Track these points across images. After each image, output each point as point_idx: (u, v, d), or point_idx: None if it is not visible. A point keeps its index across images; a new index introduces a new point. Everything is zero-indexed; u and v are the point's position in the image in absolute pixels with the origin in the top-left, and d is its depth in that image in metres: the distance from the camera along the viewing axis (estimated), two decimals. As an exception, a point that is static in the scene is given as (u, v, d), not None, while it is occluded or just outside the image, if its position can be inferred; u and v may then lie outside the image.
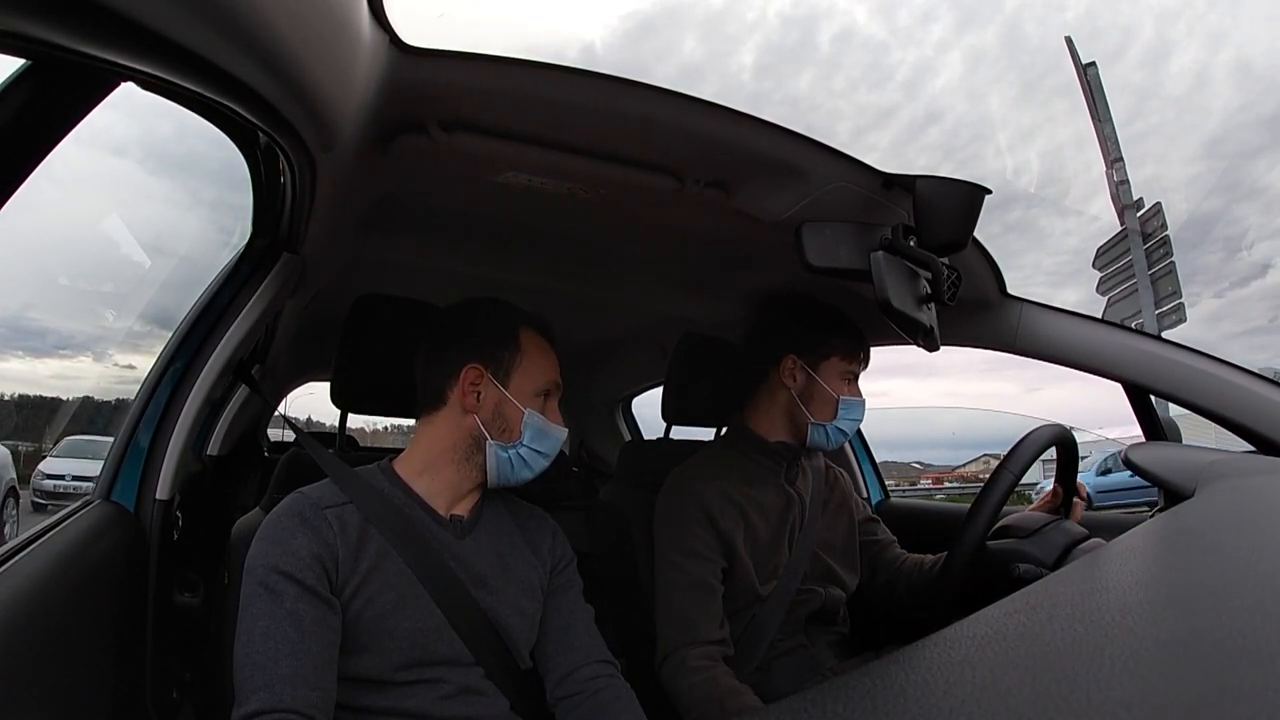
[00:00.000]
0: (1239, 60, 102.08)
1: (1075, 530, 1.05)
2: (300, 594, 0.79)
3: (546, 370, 0.97)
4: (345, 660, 0.82)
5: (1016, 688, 0.32)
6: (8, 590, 0.65)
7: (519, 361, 0.94)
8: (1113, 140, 6.95)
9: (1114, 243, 7.25)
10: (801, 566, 1.20)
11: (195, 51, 0.44)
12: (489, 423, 0.93)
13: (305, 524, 0.83)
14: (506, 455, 0.92)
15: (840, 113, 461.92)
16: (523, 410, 0.93)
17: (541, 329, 0.99)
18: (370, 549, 0.85)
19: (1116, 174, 6.94)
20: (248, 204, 1.03)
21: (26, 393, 4.12)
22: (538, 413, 0.94)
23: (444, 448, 0.94)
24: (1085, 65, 7.06)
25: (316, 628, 0.78)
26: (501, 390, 0.93)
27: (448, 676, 0.86)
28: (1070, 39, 7.22)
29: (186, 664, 1.13)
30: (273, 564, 0.80)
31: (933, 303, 0.91)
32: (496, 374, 0.93)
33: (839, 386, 1.21)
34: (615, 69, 13.83)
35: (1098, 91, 7.02)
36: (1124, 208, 6.94)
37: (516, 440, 0.93)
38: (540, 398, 0.96)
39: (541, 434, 0.94)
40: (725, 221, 1.09)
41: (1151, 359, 1.13)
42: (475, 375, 0.93)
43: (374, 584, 0.84)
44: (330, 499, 0.88)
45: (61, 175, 0.58)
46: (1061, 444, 1.08)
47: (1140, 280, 6.78)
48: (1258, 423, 1.05)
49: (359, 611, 0.83)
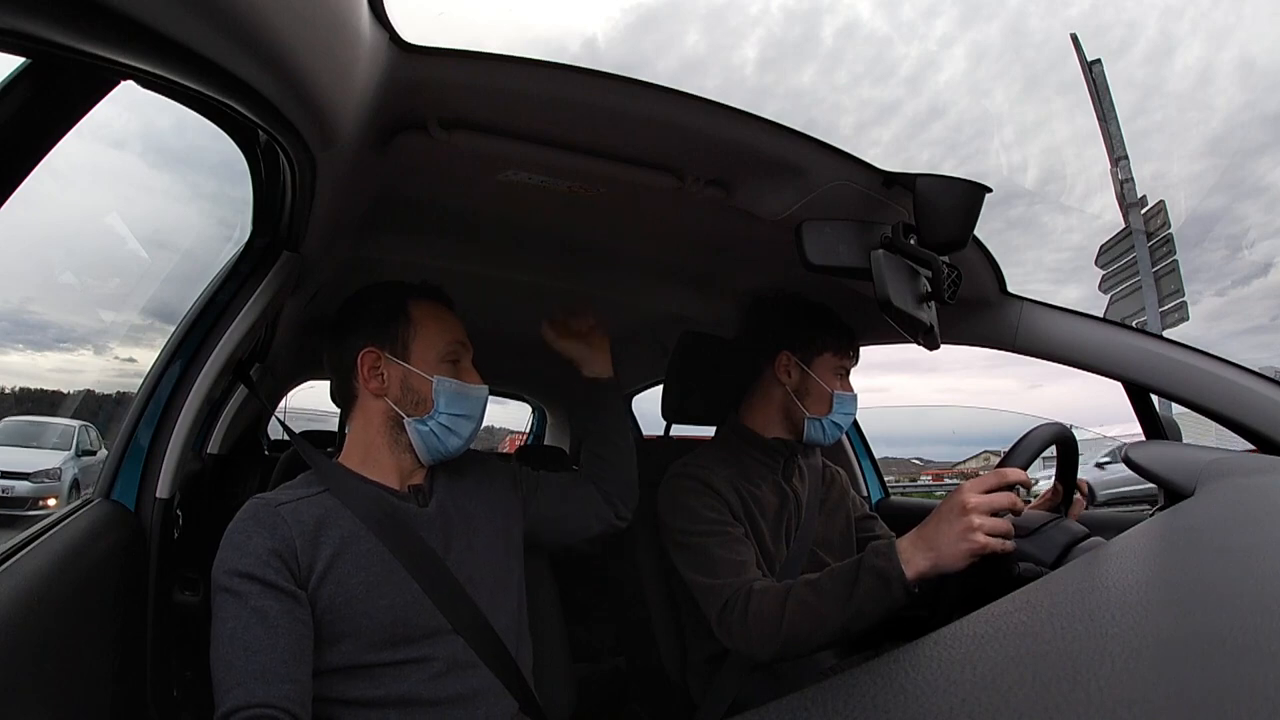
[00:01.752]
0: (1243, 57, 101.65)
1: (1075, 529, 1.05)
2: (262, 591, 0.79)
3: (446, 334, 0.97)
4: (328, 652, 0.82)
5: (1016, 686, 0.32)
6: (8, 590, 0.65)
7: (414, 333, 0.95)
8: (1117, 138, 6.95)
9: (1116, 240, 7.25)
10: (799, 564, 1.20)
11: (195, 50, 0.44)
12: (400, 400, 0.93)
13: (260, 524, 0.84)
14: (427, 428, 0.93)
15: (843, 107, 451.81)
16: (430, 379, 0.93)
17: (431, 295, 0.99)
18: (331, 535, 0.86)
19: (1121, 172, 6.94)
20: (248, 199, 1.03)
21: (28, 386, 4.13)
22: (448, 378, 0.94)
23: (370, 437, 0.95)
24: (1091, 63, 7.05)
25: (284, 620, 0.78)
26: (403, 365, 0.93)
27: (434, 652, 0.86)
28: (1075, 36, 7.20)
29: (187, 662, 1.13)
30: (232, 567, 0.80)
31: (933, 301, 0.90)
32: (394, 351, 0.94)
33: (832, 382, 1.23)
34: (617, 63, 13.78)
35: (1103, 89, 7.01)
36: (1128, 206, 6.94)
37: (431, 410, 0.93)
38: (448, 363, 0.95)
39: (457, 397, 0.94)
40: (725, 220, 1.09)
41: (1151, 358, 1.13)
42: (372, 359, 0.94)
43: (340, 568, 0.84)
44: (287, 496, 0.88)
45: (61, 169, 0.58)
46: (1061, 442, 1.08)
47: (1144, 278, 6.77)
48: (1258, 421, 1.05)
49: (330, 598, 0.83)
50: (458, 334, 0.98)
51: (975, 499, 0.86)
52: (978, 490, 0.87)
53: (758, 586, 1.03)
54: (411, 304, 0.96)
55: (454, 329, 0.98)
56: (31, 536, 0.80)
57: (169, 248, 1.81)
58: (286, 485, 0.92)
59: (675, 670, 1.29)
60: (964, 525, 0.85)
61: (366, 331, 0.95)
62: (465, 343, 0.99)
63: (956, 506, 0.87)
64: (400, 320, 0.95)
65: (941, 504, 0.91)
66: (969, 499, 0.86)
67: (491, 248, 1.39)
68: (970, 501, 0.86)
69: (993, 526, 0.85)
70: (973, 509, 0.85)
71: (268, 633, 0.77)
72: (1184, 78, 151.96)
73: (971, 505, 0.86)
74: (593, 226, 1.25)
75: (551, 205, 1.09)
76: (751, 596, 1.02)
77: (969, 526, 0.85)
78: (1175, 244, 6.84)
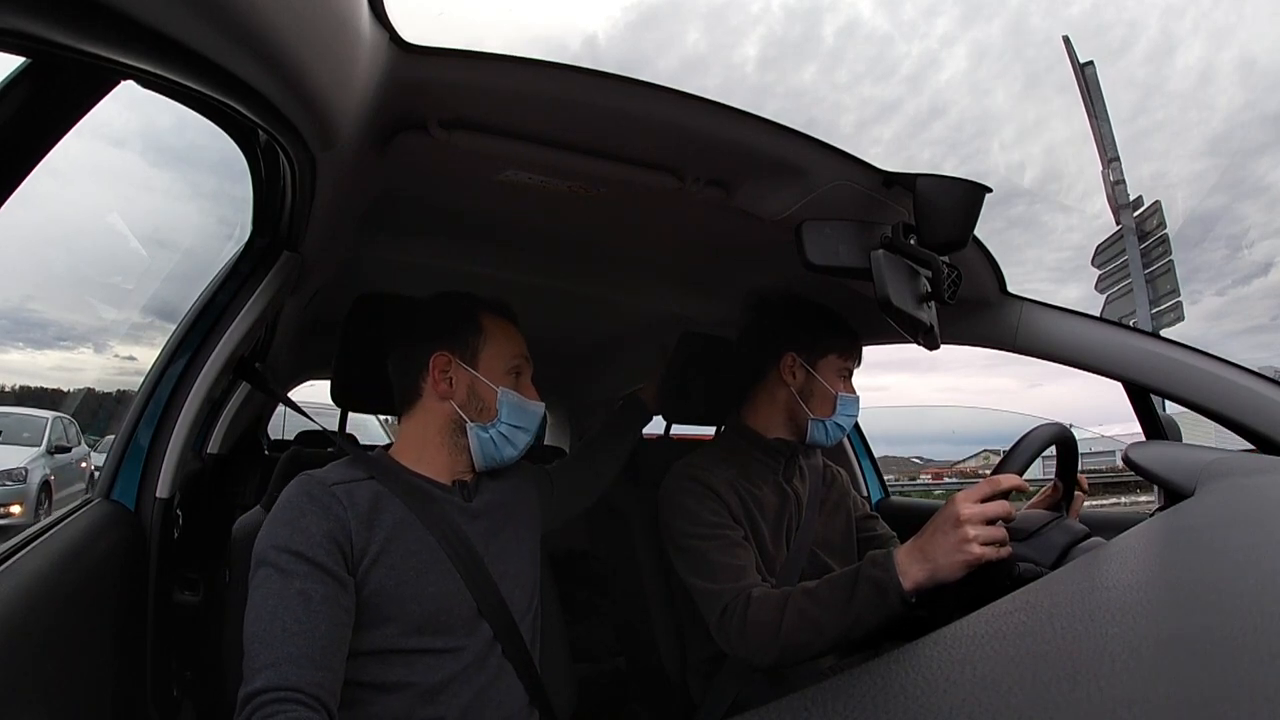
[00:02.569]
0: (1243, 57, 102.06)
1: (1075, 528, 1.05)
2: (311, 573, 0.79)
3: (512, 348, 1.00)
4: (368, 635, 0.82)
5: (1016, 686, 0.32)
6: (8, 590, 0.65)
7: (484, 343, 0.97)
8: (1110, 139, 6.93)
9: (1112, 240, 7.24)
10: (800, 565, 1.20)
11: (195, 50, 0.44)
12: (465, 405, 0.96)
13: (314, 502, 0.84)
14: (488, 435, 0.95)
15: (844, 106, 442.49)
16: (496, 389, 0.96)
17: (501, 311, 1.02)
18: (385, 520, 0.87)
19: (1113, 173, 6.92)
20: (248, 198, 1.03)
21: (28, 384, 4.07)
22: (511, 390, 0.97)
23: (428, 436, 0.97)
24: (1083, 64, 7.04)
25: (326, 607, 0.78)
26: (472, 372, 0.96)
27: (467, 642, 0.88)
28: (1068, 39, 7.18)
29: (187, 662, 1.13)
30: (282, 544, 0.80)
31: (933, 301, 0.91)
32: (464, 358, 0.96)
33: (836, 383, 1.23)
34: (617, 61, 13.75)
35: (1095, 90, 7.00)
36: (1120, 207, 6.93)
37: (494, 419, 0.96)
38: (511, 375, 0.99)
39: (518, 410, 0.97)
40: (725, 220, 1.09)
41: (1151, 358, 1.13)
42: (444, 362, 0.96)
43: (394, 553, 0.85)
44: (338, 477, 0.89)
45: (61, 168, 0.58)
46: (1061, 442, 1.08)
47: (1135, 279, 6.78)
48: (1258, 421, 1.05)
49: (380, 581, 0.84)
50: (522, 349, 1.01)
51: (969, 510, 0.88)
52: (972, 500, 0.89)
53: (756, 594, 1.04)
54: (483, 315, 0.99)
55: (519, 344, 1.01)
56: (32, 536, 0.80)
57: (169, 247, 1.81)
58: (334, 465, 0.93)
59: (675, 670, 1.29)
60: (959, 537, 0.87)
61: (440, 336, 0.97)
62: (527, 358, 1.02)
63: (951, 518, 0.89)
64: (473, 330, 0.98)
65: (936, 515, 0.92)
66: (963, 510, 0.88)
67: (491, 248, 1.39)
68: (964, 513, 0.88)
69: (987, 536, 0.87)
70: (966, 520, 0.87)
71: (309, 616, 0.76)
72: (1185, 77, 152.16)
73: (965, 517, 0.87)
74: (593, 226, 1.25)
75: (551, 205, 1.09)
76: (750, 604, 1.03)
77: (964, 538, 0.87)
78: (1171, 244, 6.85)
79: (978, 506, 0.88)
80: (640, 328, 1.95)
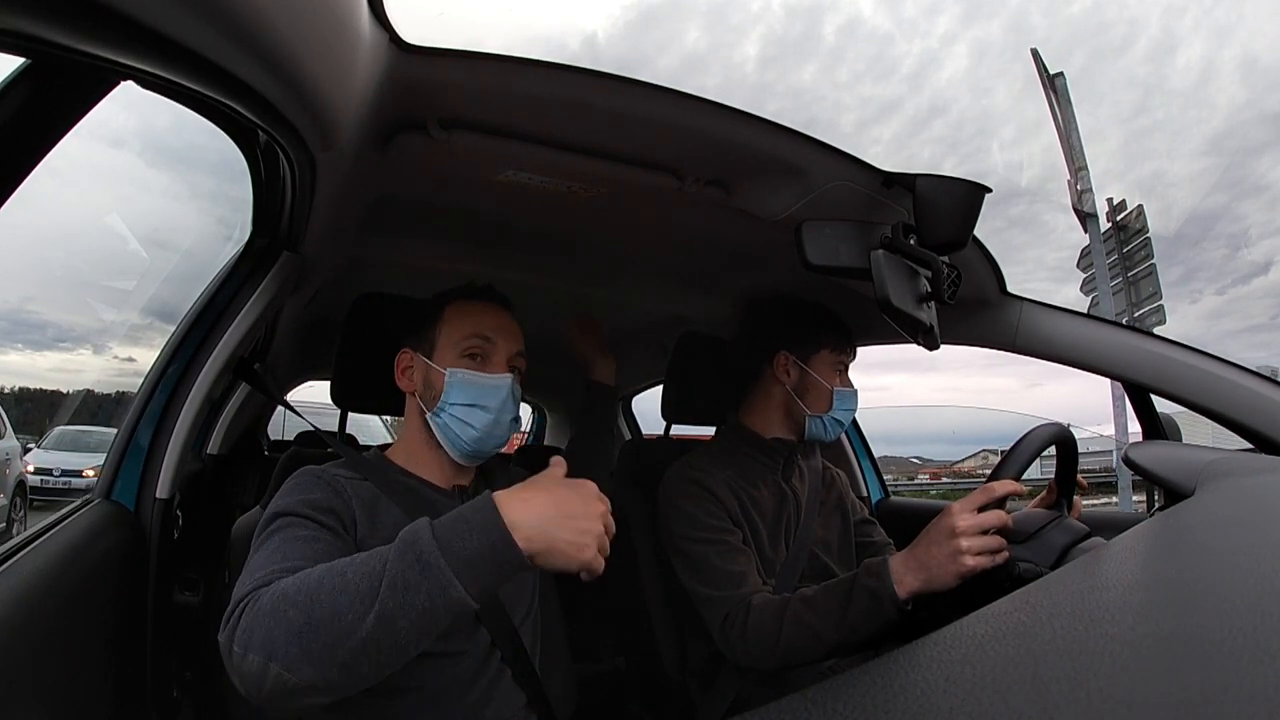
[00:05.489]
0: (1245, 56, 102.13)
1: (1075, 528, 1.05)
2: (318, 529, 0.78)
3: (467, 326, 0.95)
4: None
5: (1016, 686, 0.32)
6: (8, 590, 0.65)
7: (440, 331, 0.96)
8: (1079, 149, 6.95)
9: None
10: (799, 566, 1.20)
11: (195, 50, 0.44)
12: (423, 395, 0.96)
13: (322, 482, 0.86)
14: (441, 420, 0.92)
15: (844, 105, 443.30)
16: (444, 371, 0.93)
17: (469, 294, 0.99)
18: (385, 520, 0.87)
19: (1080, 183, 6.94)
20: (248, 199, 1.03)
21: (27, 385, 4.06)
22: (460, 369, 0.92)
23: (410, 434, 0.98)
24: (1053, 76, 7.07)
25: (328, 550, 0.76)
26: (426, 361, 0.95)
27: (468, 647, 0.88)
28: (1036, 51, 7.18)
29: (186, 662, 1.13)
30: (291, 507, 0.80)
31: (933, 301, 0.91)
32: (423, 350, 0.96)
33: (831, 378, 1.24)
34: (617, 60, 13.68)
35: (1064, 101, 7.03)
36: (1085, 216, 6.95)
37: (441, 401, 0.92)
38: (469, 357, 0.94)
39: (464, 386, 0.91)
40: (725, 220, 1.09)
41: (1151, 358, 1.13)
42: (406, 359, 0.98)
43: None
44: (338, 472, 0.90)
45: (60, 168, 0.58)
46: (1060, 442, 1.08)
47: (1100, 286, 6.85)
48: (1257, 421, 1.05)
49: None
50: (481, 327, 0.95)
51: (964, 522, 0.88)
52: (967, 510, 0.89)
53: (756, 601, 1.05)
54: (448, 305, 0.98)
55: (478, 322, 0.96)
56: (32, 536, 0.80)
57: (169, 247, 1.81)
58: (330, 464, 0.93)
59: (675, 670, 1.29)
60: (953, 548, 0.88)
61: (407, 334, 0.99)
62: (490, 337, 0.95)
63: (946, 530, 0.89)
64: (432, 321, 0.97)
65: (931, 524, 0.92)
66: (958, 522, 0.89)
67: (491, 248, 1.39)
68: (959, 525, 0.88)
69: (982, 546, 0.88)
70: (961, 532, 0.88)
71: (309, 548, 0.74)
72: (1185, 76, 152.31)
73: (960, 528, 0.88)
74: (593, 226, 1.25)
75: (551, 205, 1.09)
76: (750, 611, 1.04)
77: (957, 550, 0.87)
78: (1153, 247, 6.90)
79: (973, 518, 0.89)
80: (640, 328, 1.95)
